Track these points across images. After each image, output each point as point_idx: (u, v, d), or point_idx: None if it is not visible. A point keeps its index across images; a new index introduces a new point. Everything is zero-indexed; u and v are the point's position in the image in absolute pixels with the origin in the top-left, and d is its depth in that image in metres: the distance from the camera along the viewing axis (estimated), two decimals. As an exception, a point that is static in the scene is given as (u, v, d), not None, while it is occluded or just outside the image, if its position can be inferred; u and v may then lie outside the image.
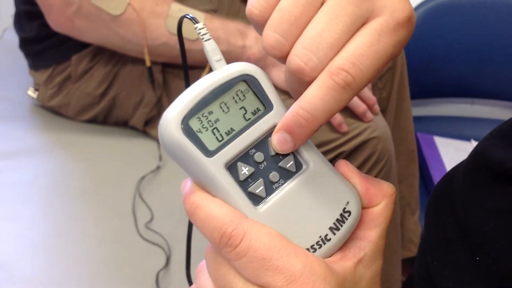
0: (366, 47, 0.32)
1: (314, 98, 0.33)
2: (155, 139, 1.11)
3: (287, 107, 0.36)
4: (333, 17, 0.33)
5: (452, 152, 1.52)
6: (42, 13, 1.03)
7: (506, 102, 1.69)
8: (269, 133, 0.36)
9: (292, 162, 0.36)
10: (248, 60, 1.02)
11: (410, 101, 1.28)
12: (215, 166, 0.34)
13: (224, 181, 0.34)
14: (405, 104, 1.26)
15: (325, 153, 1.04)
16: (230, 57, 1.02)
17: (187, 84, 0.38)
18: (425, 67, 1.58)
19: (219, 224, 0.33)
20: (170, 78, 1.09)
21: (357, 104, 1.02)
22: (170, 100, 1.10)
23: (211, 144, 0.35)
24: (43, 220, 0.93)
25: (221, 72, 0.36)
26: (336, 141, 1.02)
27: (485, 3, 1.53)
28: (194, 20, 0.38)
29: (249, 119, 0.36)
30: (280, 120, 0.36)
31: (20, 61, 1.17)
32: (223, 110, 0.35)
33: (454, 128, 1.63)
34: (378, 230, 0.37)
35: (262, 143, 0.36)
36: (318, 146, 1.03)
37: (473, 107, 1.70)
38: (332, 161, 1.05)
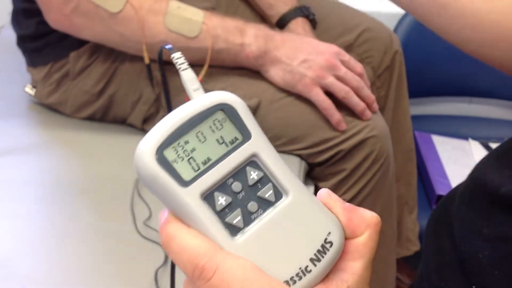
0: None
1: None
2: (153, 136, 1.11)
3: (283, 108, 0.36)
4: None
5: (450, 151, 1.52)
6: (40, 11, 1.03)
7: (503, 101, 1.69)
8: (248, 162, 0.36)
9: (271, 191, 0.36)
10: (246, 57, 1.02)
11: (408, 99, 1.29)
12: (190, 197, 0.34)
13: (199, 211, 0.34)
14: (403, 103, 1.27)
15: (323, 152, 1.04)
16: (228, 55, 1.02)
17: (169, 110, 0.38)
18: (423, 66, 1.58)
19: (192, 256, 0.33)
20: (169, 75, 1.09)
21: (356, 102, 1.02)
22: (169, 97, 1.10)
23: (187, 174, 0.34)
24: (41, 217, 0.92)
25: (199, 101, 0.36)
26: (335, 140, 1.02)
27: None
28: (171, 50, 0.38)
29: (227, 148, 0.35)
30: (258, 148, 0.35)
31: (18, 58, 1.16)
32: (199, 140, 0.35)
33: (452, 126, 1.63)
34: (363, 262, 0.35)
35: (240, 172, 0.35)
36: (316, 144, 1.03)
37: (470, 106, 1.70)
38: (330, 159, 1.06)
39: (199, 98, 0.36)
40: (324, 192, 0.37)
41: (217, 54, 1.01)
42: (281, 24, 1.15)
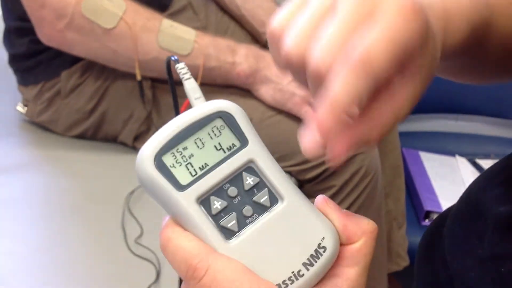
0: (376, 34, 0.33)
1: (337, 89, 0.32)
2: (144, 154, 1.11)
3: (273, 125, 0.37)
4: (342, 16, 0.33)
5: (437, 167, 1.54)
6: (32, 30, 1.03)
7: (490, 118, 1.71)
8: (244, 167, 0.37)
9: (266, 196, 0.36)
10: (237, 76, 1.04)
11: (396, 117, 1.30)
12: (186, 200, 0.35)
13: (195, 214, 0.35)
14: (391, 120, 1.28)
15: (313, 168, 1.05)
16: (220, 73, 1.04)
17: (177, 113, 0.39)
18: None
19: (186, 257, 0.34)
20: (160, 93, 1.10)
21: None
22: (160, 115, 1.11)
23: (184, 179, 0.35)
24: (31, 236, 0.92)
25: (198, 109, 0.37)
26: (323, 157, 1.03)
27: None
28: (176, 61, 0.40)
29: (224, 154, 0.36)
30: (255, 154, 0.37)
31: (8, 77, 1.17)
32: (197, 146, 0.36)
33: (439, 143, 1.65)
34: (357, 268, 0.36)
35: (236, 177, 0.36)
36: (306, 161, 1.04)
37: (457, 123, 1.72)
38: (319, 176, 1.07)
39: (199, 106, 0.37)
40: (321, 198, 0.38)
41: (208, 72, 1.02)
42: (272, 42, 1.16)
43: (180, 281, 0.51)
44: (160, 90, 1.10)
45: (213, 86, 1.05)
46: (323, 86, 0.33)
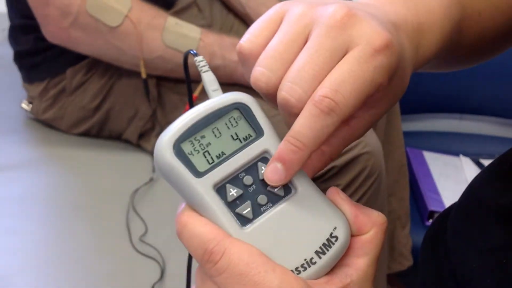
0: (347, 74, 0.35)
1: (302, 126, 0.35)
2: (149, 152, 1.12)
3: (277, 124, 0.38)
4: (313, 52, 0.35)
5: (441, 167, 1.54)
6: (37, 27, 1.03)
7: (494, 117, 1.71)
8: (259, 157, 0.38)
9: (280, 186, 0.37)
10: (242, 75, 1.04)
11: (400, 116, 1.30)
12: (203, 187, 0.36)
13: (211, 201, 0.36)
14: (395, 119, 1.28)
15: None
16: (225, 72, 1.04)
17: (191, 106, 0.40)
18: (414, 83, 1.59)
19: (202, 241, 0.35)
20: (165, 91, 1.10)
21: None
22: (165, 113, 1.11)
23: (202, 166, 0.36)
24: (36, 234, 0.92)
25: (216, 100, 0.38)
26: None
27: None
28: (195, 55, 0.41)
29: (240, 144, 0.37)
30: (270, 145, 0.38)
31: (13, 74, 1.17)
32: (215, 135, 0.37)
33: (443, 143, 1.65)
34: (367, 259, 0.37)
35: (252, 167, 0.37)
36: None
37: (461, 123, 1.72)
38: (324, 175, 1.07)
39: (217, 98, 0.38)
40: (333, 190, 0.39)
41: (213, 70, 1.02)
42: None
43: (188, 276, 0.51)
44: (165, 88, 1.10)
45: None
46: (292, 118, 0.36)
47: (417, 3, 0.43)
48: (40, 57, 1.09)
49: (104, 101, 1.10)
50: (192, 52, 0.41)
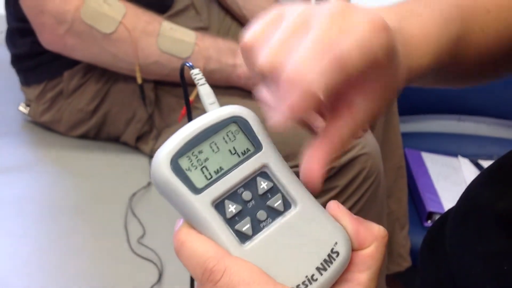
0: (350, 39, 0.35)
1: (310, 70, 0.34)
2: (147, 155, 1.12)
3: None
4: (319, 34, 0.35)
5: (440, 168, 1.54)
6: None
7: (492, 118, 1.71)
8: (258, 172, 0.37)
9: (280, 201, 0.37)
10: (238, 78, 1.04)
11: (398, 117, 1.30)
12: (201, 203, 0.35)
13: (210, 218, 0.35)
14: (393, 120, 1.28)
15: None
16: (221, 75, 1.04)
17: (190, 119, 0.40)
18: (412, 84, 1.60)
19: (202, 260, 0.34)
20: (162, 94, 1.10)
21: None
22: (162, 116, 1.11)
23: (199, 182, 0.35)
24: (34, 236, 0.92)
25: (213, 113, 0.38)
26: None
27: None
28: (191, 67, 0.40)
29: (239, 158, 0.37)
30: (269, 159, 0.37)
31: (11, 77, 1.17)
32: (213, 150, 0.36)
33: (441, 144, 1.65)
34: (369, 273, 0.36)
35: (250, 182, 0.37)
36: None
37: (460, 124, 1.72)
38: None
39: (214, 111, 0.38)
40: (333, 204, 0.38)
41: (209, 74, 1.02)
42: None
43: (191, 285, 0.51)
44: (162, 91, 1.10)
45: (213, 88, 1.05)
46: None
47: (410, 16, 0.43)
48: (38, 60, 1.09)
49: (102, 103, 1.10)
50: (188, 64, 0.41)
